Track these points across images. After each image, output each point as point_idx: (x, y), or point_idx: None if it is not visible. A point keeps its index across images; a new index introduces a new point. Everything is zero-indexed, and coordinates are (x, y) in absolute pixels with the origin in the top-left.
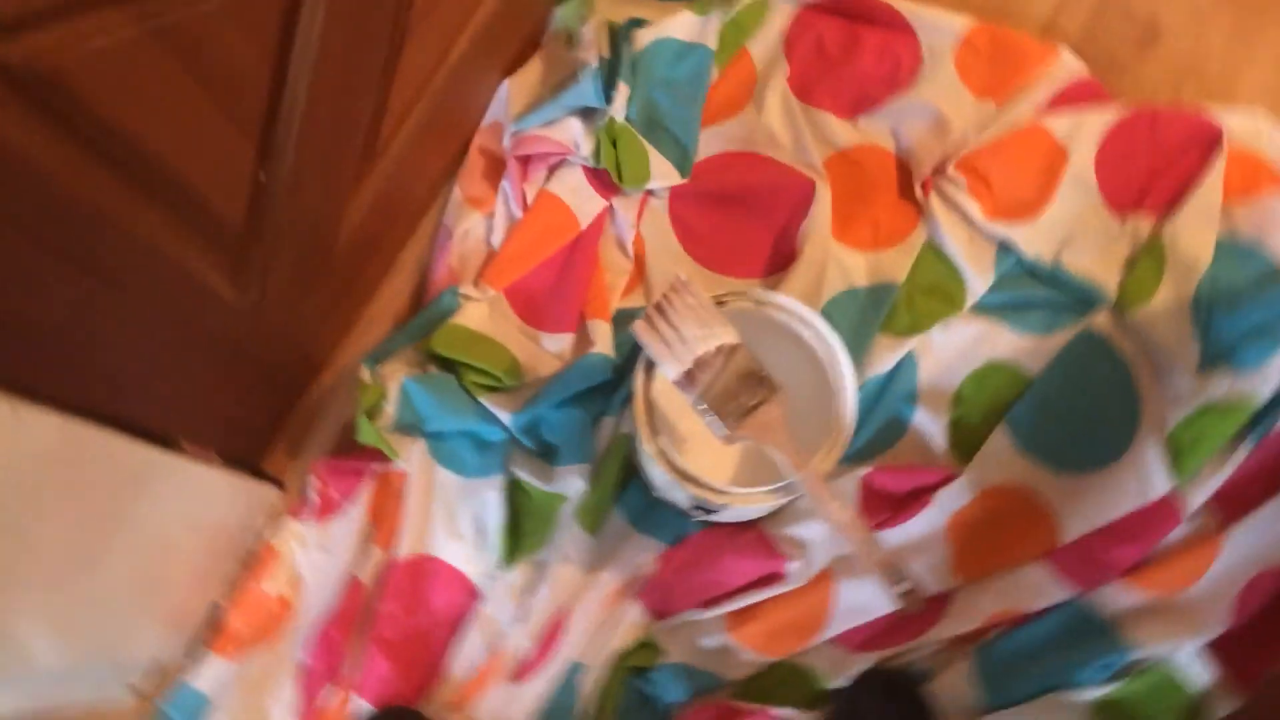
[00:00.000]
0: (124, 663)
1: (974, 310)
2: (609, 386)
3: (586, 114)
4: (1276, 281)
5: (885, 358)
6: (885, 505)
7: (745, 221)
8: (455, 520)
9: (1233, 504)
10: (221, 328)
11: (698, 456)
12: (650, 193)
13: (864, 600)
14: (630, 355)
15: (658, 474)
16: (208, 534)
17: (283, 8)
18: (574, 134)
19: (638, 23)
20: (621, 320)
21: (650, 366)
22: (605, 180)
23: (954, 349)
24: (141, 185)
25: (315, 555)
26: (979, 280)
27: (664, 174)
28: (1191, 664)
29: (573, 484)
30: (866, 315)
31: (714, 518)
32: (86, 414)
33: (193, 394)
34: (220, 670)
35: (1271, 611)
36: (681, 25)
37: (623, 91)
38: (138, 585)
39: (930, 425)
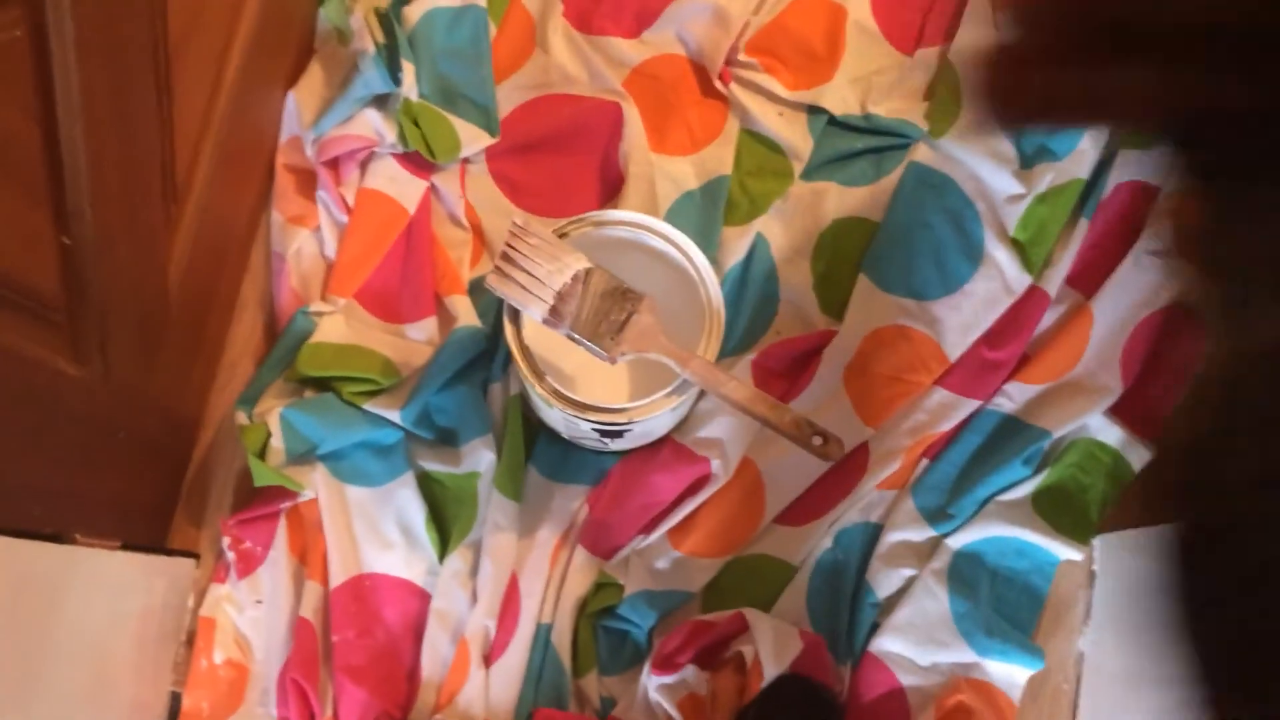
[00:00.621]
0: None
1: (804, 178)
2: (485, 355)
3: (381, 102)
4: None
5: (736, 246)
6: (780, 381)
7: (565, 161)
8: (380, 531)
9: (1090, 277)
10: (76, 407)
11: (590, 388)
12: (466, 161)
13: (790, 472)
14: (497, 319)
15: (557, 415)
16: (136, 623)
17: (31, 59)
18: (374, 125)
19: (403, 1)
20: (476, 290)
21: (516, 315)
22: (419, 161)
23: (798, 219)
24: None
25: (252, 612)
26: (800, 149)
27: (474, 139)
28: (1104, 428)
29: (482, 458)
30: (706, 213)
31: (624, 444)
32: None
33: (73, 484)
34: None
35: (1151, 369)
36: None
37: (409, 70)
38: (86, 694)
39: (797, 294)
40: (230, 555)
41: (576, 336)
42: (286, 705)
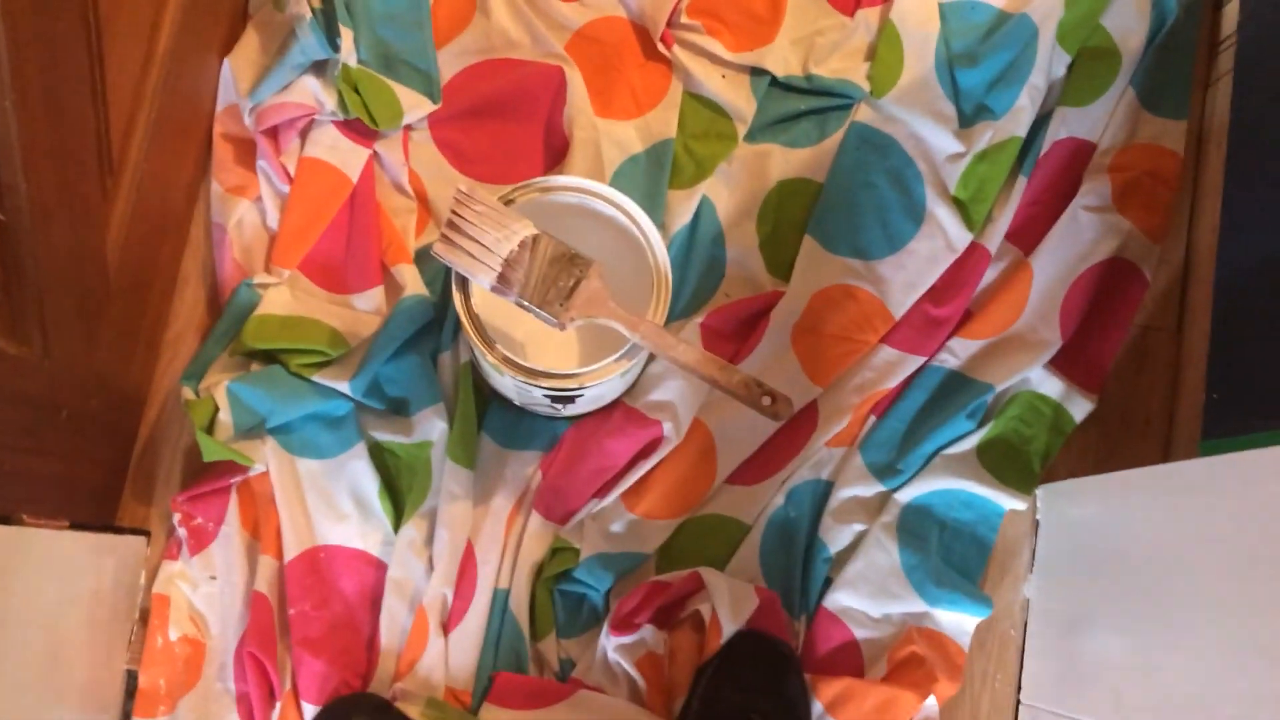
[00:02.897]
0: None
1: (748, 140)
2: (434, 324)
3: (319, 69)
4: (1002, 24)
5: (682, 210)
6: (729, 342)
7: (510, 127)
8: (334, 503)
9: (1029, 233)
10: (17, 387)
11: (541, 354)
12: (409, 128)
13: (741, 433)
14: (445, 288)
15: (508, 383)
16: (88, 603)
17: None
18: (313, 92)
19: None
20: (423, 258)
21: (464, 283)
22: (360, 128)
23: (742, 181)
24: None
25: (207, 588)
26: (744, 111)
27: (415, 105)
28: (1045, 381)
29: (434, 427)
30: (652, 177)
31: (576, 409)
32: None
33: (17, 465)
34: None
35: (1090, 322)
36: None
37: (346, 35)
38: (39, 676)
39: (744, 257)
40: (182, 532)
41: (525, 303)
42: (245, 679)
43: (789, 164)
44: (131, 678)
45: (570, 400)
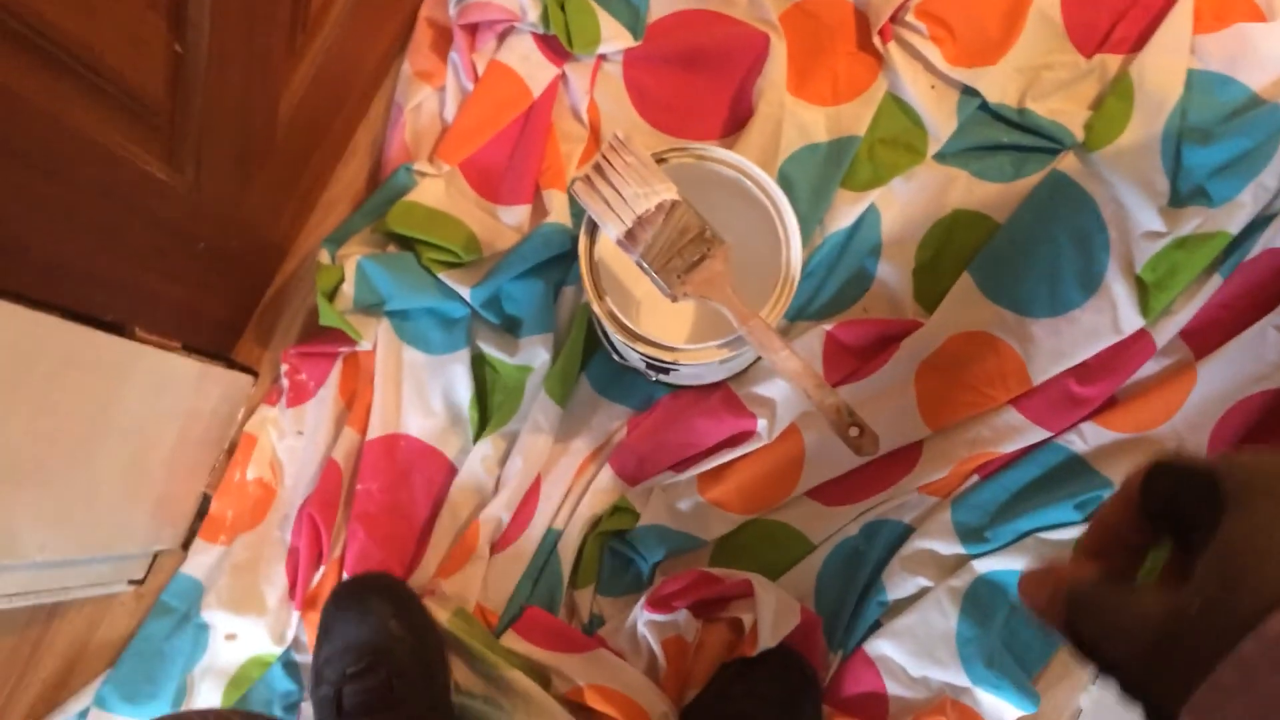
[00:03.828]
0: (120, 555)
1: (937, 159)
2: (568, 256)
3: None
4: (1251, 110)
5: (847, 212)
6: (852, 358)
7: (700, 82)
8: (426, 397)
9: (1206, 336)
10: (161, 211)
11: (653, 320)
12: (603, 57)
13: (833, 453)
14: None
15: (614, 336)
16: (182, 423)
17: None
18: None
19: None
20: None
21: (593, 228)
22: (556, 47)
23: (917, 199)
24: (47, 60)
25: (292, 441)
26: (942, 129)
27: (616, 37)
28: None
29: (538, 355)
30: (827, 171)
31: (670, 379)
32: (22, 300)
33: (143, 282)
34: (210, 556)
35: (1246, 442)
36: None
37: None
38: (124, 477)
39: (895, 276)
40: (285, 382)
41: (644, 265)
42: (300, 536)
43: (972, 195)
44: (205, 501)
45: (664, 371)
